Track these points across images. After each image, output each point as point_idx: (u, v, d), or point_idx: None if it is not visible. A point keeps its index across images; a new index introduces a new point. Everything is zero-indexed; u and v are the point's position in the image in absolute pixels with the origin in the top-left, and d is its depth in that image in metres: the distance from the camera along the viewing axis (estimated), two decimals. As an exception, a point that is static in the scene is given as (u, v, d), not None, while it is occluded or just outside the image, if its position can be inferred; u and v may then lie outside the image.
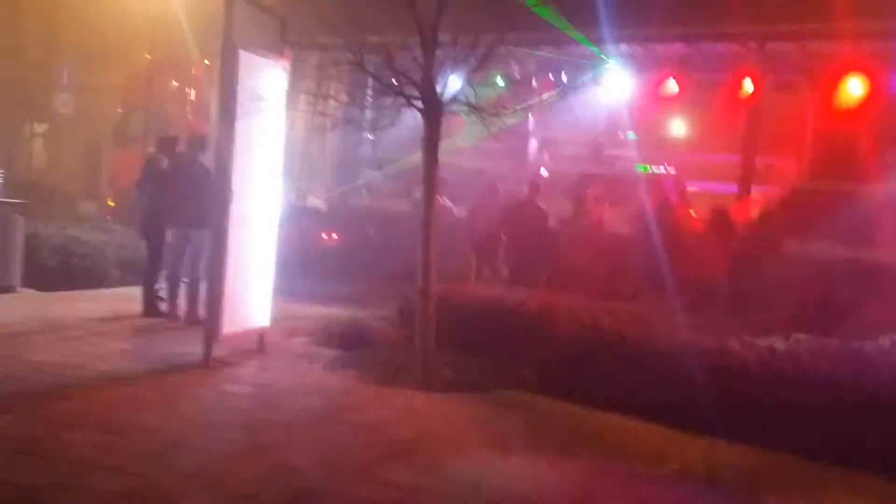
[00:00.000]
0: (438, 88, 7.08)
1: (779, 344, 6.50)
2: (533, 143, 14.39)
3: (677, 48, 12.52)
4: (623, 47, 12.43)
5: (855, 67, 10.86)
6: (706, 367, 6.28)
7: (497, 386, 7.07)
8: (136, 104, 16.34)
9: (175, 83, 16.45)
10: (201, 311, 8.38)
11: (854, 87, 10.89)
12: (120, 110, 17.24)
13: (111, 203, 16.27)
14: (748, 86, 11.76)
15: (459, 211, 11.68)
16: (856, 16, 9.76)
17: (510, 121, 7.47)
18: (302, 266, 10.63)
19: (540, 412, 6.51)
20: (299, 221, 11.58)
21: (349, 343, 8.15)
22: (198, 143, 9.30)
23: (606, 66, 12.36)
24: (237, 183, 7.10)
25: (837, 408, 5.74)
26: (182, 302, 9.01)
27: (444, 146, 7.32)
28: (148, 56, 16.06)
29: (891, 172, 11.25)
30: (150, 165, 9.59)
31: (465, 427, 6.00)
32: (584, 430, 6.12)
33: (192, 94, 16.38)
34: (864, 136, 11.22)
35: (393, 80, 6.97)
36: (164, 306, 9.15)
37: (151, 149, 10.56)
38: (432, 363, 7.21)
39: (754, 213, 10.89)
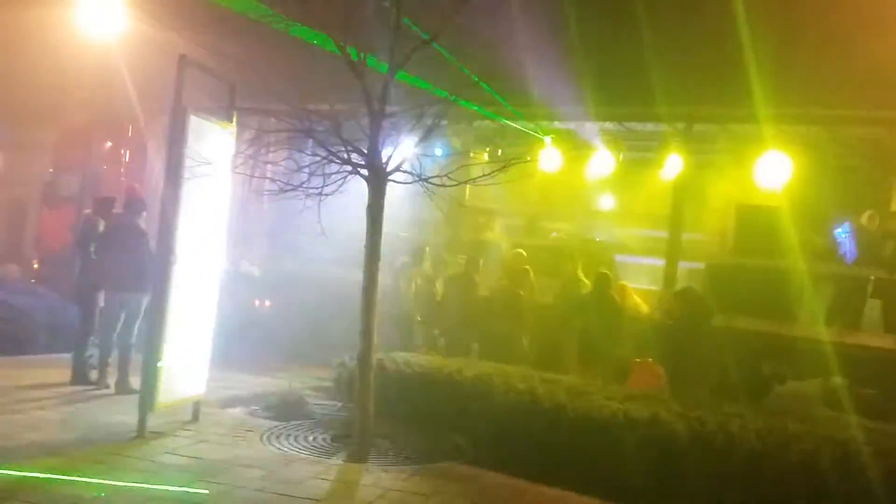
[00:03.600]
0: (384, 158, 7.24)
1: (707, 415, 6.70)
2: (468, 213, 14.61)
3: (609, 126, 13.00)
4: (557, 124, 12.86)
5: (775, 148, 11.42)
6: (638, 437, 6.44)
7: (434, 457, 7.06)
8: (69, 163, 16.08)
9: (110, 143, 16.27)
10: (133, 379, 8.23)
11: (774, 167, 11.42)
12: (51, 169, 16.91)
13: (36, 265, 15.82)
14: (675, 164, 12.24)
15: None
16: (776, 102, 10.33)
17: (451, 191, 7.63)
18: (235, 333, 10.50)
19: (477, 485, 6.52)
20: (232, 287, 11.46)
21: (285, 413, 8.08)
22: (135, 205, 9.20)
23: (542, 141, 12.75)
24: (179, 246, 7.07)
25: (761, 477, 5.95)
26: (113, 369, 8.79)
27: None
28: (82, 115, 15.87)
29: (808, 249, 11.82)
30: (86, 227, 9.44)
31: (403, 501, 5.96)
32: (521, 504, 6.17)
33: (128, 155, 16.22)
34: (784, 213, 11.76)
35: (340, 148, 7.09)
36: (93, 374, 8.91)
37: (87, 210, 10.39)
38: (370, 434, 7.19)
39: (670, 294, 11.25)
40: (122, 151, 16.37)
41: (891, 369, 9.64)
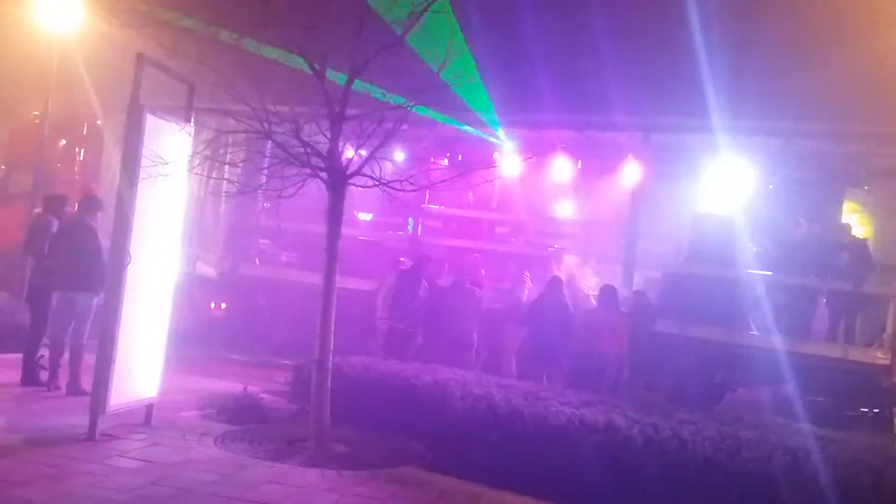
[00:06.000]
0: (344, 161, 7.23)
1: (662, 421, 6.78)
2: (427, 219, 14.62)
3: (568, 134, 13.11)
4: (517, 131, 12.93)
5: (729, 159, 11.61)
6: (594, 443, 6.49)
7: (391, 462, 7.04)
8: (21, 161, 15.75)
9: (64, 141, 15.98)
10: (84, 380, 8.08)
11: (729, 178, 11.61)
12: (2, 166, 16.55)
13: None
14: (633, 173, 12.39)
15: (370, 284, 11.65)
16: (731, 114, 10.53)
17: (410, 196, 7.66)
18: (190, 336, 10.38)
19: (433, 490, 6.51)
20: (188, 289, 11.32)
21: (241, 417, 7.99)
22: (89, 204, 9.03)
23: (501, 146, 12.82)
24: (134, 247, 6.97)
25: (714, 483, 6.04)
26: (64, 370, 8.62)
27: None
28: (36, 113, 15.57)
29: (758, 259, 12.03)
30: (37, 226, 9.26)
31: (359, 506, 5.96)
32: (477, 510, 6.19)
33: (82, 153, 15.94)
34: (739, 224, 11.97)
35: (299, 150, 7.06)
36: (44, 375, 8.72)
37: (38, 209, 10.20)
38: (326, 438, 7.16)
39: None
40: (77, 150, 16.11)
41: (840, 378, 9.84)
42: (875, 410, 9.87)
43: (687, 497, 6.08)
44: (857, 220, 11.77)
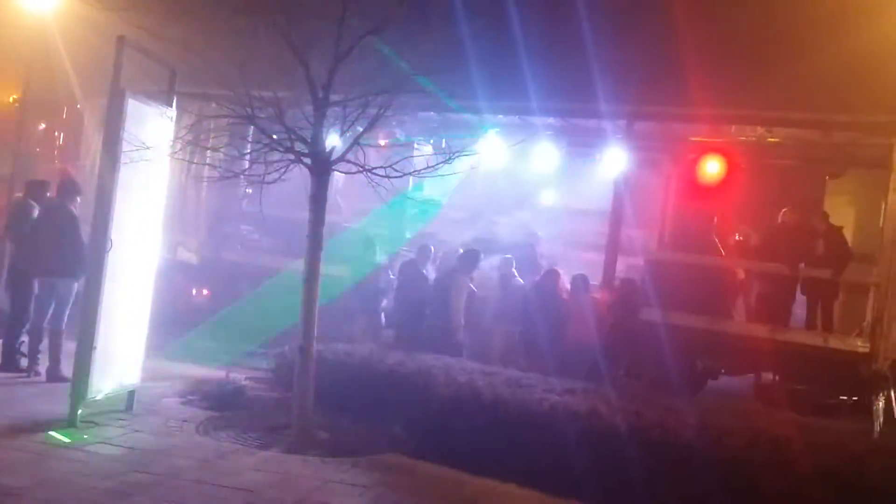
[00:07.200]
0: (327, 147, 7.18)
1: (645, 409, 6.82)
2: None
3: (552, 121, 13.08)
4: (501, 118, 12.88)
5: (712, 149, 11.64)
6: (577, 431, 6.52)
7: (374, 449, 7.05)
8: (0, 145, 15.54)
9: (44, 125, 15.78)
10: (64, 366, 8.02)
11: (710, 167, 11.64)
12: (-20, 150, 16.34)
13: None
14: (616, 160, 12.38)
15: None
16: (715, 103, 10.53)
17: (395, 182, 7.61)
18: (172, 322, 10.31)
19: (416, 477, 6.53)
20: (169, 275, 11.24)
21: (222, 403, 7.97)
22: (69, 188, 8.93)
23: (485, 133, 12.76)
24: (115, 232, 6.90)
25: (696, 470, 6.08)
26: (44, 357, 8.55)
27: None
28: (14, 96, 15.36)
29: (740, 248, 12.10)
30: (18, 210, 9.15)
31: (342, 492, 5.94)
32: (460, 496, 6.19)
33: (62, 137, 15.75)
34: (718, 213, 12.03)
35: (283, 135, 7.01)
36: (24, 361, 8.65)
37: (19, 193, 10.07)
38: (309, 425, 7.15)
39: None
40: (57, 133, 15.91)
41: (820, 366, 9.92)
42: (855, 398, 9.96)
43: (670, 484, 6.12)
44: (835, 209, 11.81)
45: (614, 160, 12.02)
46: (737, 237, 12.33)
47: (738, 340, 10.36)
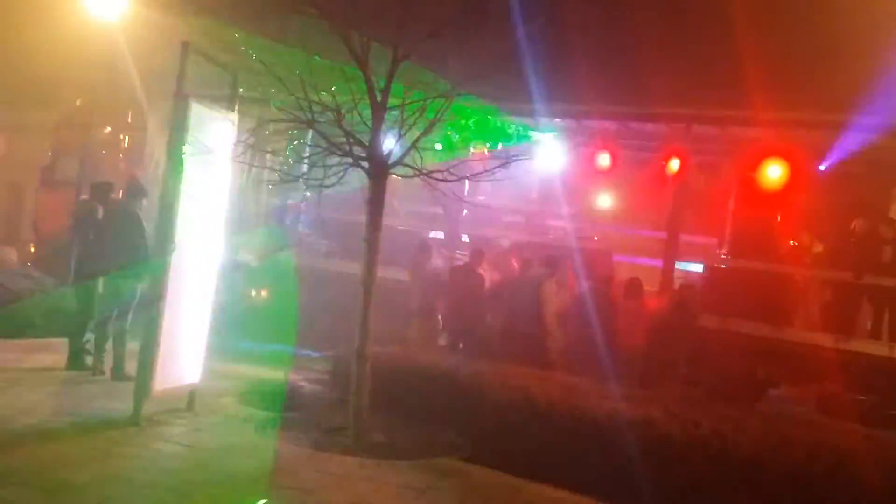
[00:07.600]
0: (385, 150, 7.23)
1: (703, 417, 6.70)
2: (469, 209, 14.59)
3: (609, 125, 12.97)
4: (557, 121, 12.82)
5: (774, 153, 11.41)
6: (633, 439, 6.44)
7: (430, 453, 7.04)
8: (68, 147, 15.97)
9: (110, 128, 16.17)
10: (128, 365, 8.21)
11: (773, 172, 11.43)
12: (50, 153, 16.81)
13: (33, 250, 15.72)
14: (674, 165, 12.23)
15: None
16: (776, 107, 10.32)
17: (452, 186, 7.64)
18: (232, 322, 10.47)
19: (472, 482, 6.53)
20: (230, 276, 11.43)
21: (281, 404, 8.05)
22: (135, 190, 9.13)
23: (542, 137, 12.72)
24: (179, 234, 7.05)
25: (756, 481, 5.97)
26: (109, 355, 8.76)
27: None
28: (79, 99, 15.77)
29: (804, 255, 11.84)
30: (83, 212, 9.39)
31: (398, 495, 5.97)
32: (515, 502, 6.15)
33: (126, 140, 16.12)
34: (781, 219, 11.79)
35: (342, 139, 7.07)
36: (89, 360, 8.87)
37: (84, 195, 10.34)
38: (365, 427, 7.19)
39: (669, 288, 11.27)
40: (122, 137, 16.29)
41: (885, 376, 9.65)
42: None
43: (727, 495, 6.02)
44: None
45: (671, 164, 11.88)
46: (799, 244, 12.06)
47: (801, 349, 10.13)
